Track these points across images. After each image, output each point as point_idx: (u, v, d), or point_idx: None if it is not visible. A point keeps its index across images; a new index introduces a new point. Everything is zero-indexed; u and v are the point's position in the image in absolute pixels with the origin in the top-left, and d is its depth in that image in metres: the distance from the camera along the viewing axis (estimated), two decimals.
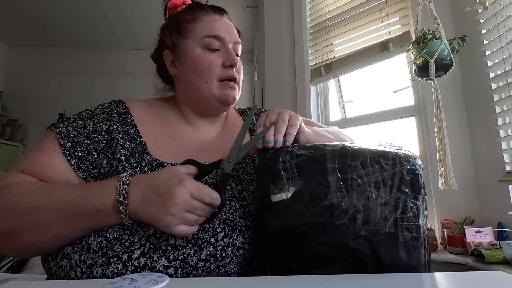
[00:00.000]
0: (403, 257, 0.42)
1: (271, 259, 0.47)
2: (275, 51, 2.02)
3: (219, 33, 0.64)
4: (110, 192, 0.47)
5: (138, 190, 0.46)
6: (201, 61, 0.64)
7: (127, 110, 0.64)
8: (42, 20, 3.16)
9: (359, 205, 0.44)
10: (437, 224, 1.30)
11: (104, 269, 0.45)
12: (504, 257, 1.00)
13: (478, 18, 1.24)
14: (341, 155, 0.47)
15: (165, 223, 0.43)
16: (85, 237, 0.48)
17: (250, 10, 2.81)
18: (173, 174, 0.46)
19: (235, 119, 0.77)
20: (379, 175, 0.45)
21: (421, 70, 1.25)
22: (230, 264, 0.50)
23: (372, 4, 1.63)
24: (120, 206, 0.46)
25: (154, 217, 0.44)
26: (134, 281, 0.34)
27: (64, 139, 0.56)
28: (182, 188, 0.44)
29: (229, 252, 0.50)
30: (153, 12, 2.94)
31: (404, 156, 0.46)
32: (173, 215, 0.43)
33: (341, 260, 0.44)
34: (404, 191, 0.44)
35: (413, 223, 0.43)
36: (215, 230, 0.51)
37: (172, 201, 0.43)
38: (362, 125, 1.73)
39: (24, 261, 1.38)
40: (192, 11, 0.68)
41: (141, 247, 0.47)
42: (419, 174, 0.45)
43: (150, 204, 0.45)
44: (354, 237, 0.43)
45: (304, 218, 0.45)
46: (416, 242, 0.43)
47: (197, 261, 0.48)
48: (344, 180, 0.45)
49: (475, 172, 1.25)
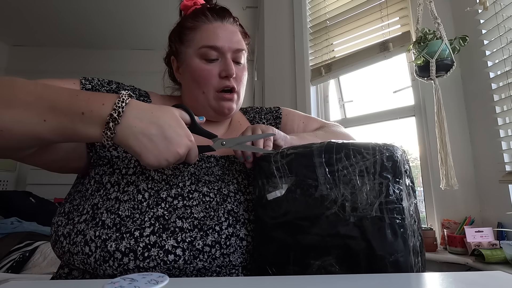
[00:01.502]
0: (390, 238, 0.45)
1: (270, 255, 0.50)
2: (275, 51, 2.02)
3: (216, 43, 0.64)
4: (103, 103, 0.44)
5: (138, 117, 0.44)
6: (198, 72, 0.64)
7: (148, 96, 0.67)
8: (42, 20, 3.16)
9: (346, 193, 0.48)
10: (437, 224, 1.30)
11: (117, 244, 0.46)
12: (504, 257, 1.00)
13: (478, 18, 1.24)
14: (327, 150, 0.51)
15: (157, 164, 0.45)
16: (98, 214, 0.48)
17: (250, 10, 2.81)
18: (179, 123, 0.47)
19: (240, 118, 0.78)
20: (362, 164, 0.49)
21: (421, 70, 1.26)
22: (234, 254, 0.51)
23: (372, 4, 1.63)
24: (112, 122, 0.43)
25: (147, 152, 0.44)
26: (134, 281, 0.34)
27: (86, 80, 0.58)
28: (189, 144, 0.47)
29: (233, 242, 0.51)
30: (155, 12, 2.95)
31: (383, 145, 0.50)
32: (168, 161, 0.45)
33: (334, 248, 0.46)
34: (385, 176, 0.48)
35: (396, 206, 0.46)
36: (219, 219, 0.52)
37: (177, 151, 0.45)
38: (362, 125, 1.73)
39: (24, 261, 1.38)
40: (195, 17, 0.67)
41: (151, 226, 0.48)
42: (398, 160, 0.49)
43: (149, 140, 0.44)
44: (345, 224, 0.46)
45: (298, 212, 0.49)
46: (402, 223, 0.46)
47: (203, 245, 0.49)
48: (331, 172, 0.49)
49: (475, 172, 1.25)
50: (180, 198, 0.53)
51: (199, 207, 0.52)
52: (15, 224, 1.69)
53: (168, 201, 0.52)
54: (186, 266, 0.48)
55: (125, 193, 0.51)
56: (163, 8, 2.90)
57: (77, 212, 0.50)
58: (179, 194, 0.53)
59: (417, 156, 1.46)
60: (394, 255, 0.44)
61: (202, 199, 0.54)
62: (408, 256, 0.45)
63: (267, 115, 0.79)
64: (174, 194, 0.53)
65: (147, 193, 0.52)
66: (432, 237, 1.23)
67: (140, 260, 0.46)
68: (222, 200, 0.55)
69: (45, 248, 1.44)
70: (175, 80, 0.75)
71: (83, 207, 0.50)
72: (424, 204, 1.39)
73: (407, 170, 0.52)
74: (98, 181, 0.53)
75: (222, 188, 0.56)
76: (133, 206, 0.50)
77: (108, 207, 0.49)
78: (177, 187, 0.54)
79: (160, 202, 0.51)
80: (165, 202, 0.51)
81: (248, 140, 0.56)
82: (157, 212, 0.50)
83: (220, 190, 0.56)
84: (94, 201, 0.50)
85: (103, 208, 0.49)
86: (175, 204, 0.52)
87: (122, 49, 3.70)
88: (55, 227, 0.51)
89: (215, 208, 0.53)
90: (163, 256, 0.47)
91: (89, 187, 0.53)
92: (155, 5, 2.88)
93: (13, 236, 1.56)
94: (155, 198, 0.51)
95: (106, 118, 0.43)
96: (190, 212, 0.51)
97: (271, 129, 0.59)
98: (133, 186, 0.52)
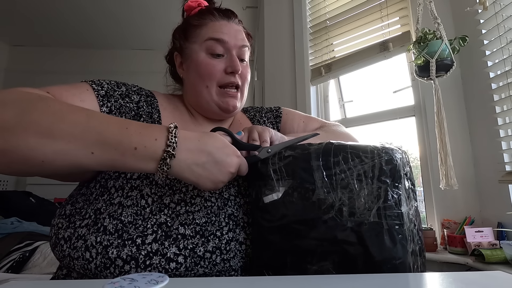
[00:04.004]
0: (388, 243, 0.44)
1: (267, 259, 0.49)
2: (275, 51, 2.02)
3: (222, 36, 0.64)
4: (156, 138, 0.43)
5: (188, 149, 0.45)
6: (203, 65, 0.64)
7: (153, 96, 0.67)
8: (43, 20, 3.16)
9: (344, 198, 0.46)
10: (437, 224, 1.30)
11: (119, 251, 0.45)
12: (504, 257, 1.00)
13: (478, 18, 1.24)
14: (325, 152, 0.49)
15: (214, 187, 0.47)
16: (100, 220, 0.47)
17: (250, 10, 2.81)
18: (224, 144, 0.48)
19: (240, 116, 0.78)
20: (360, 168, 0.47)
21: (421, 70, 1.26)
22: (234, 259, 0.51)
23: (372, 4, 1.63)
24: (169, 158, 0.43)
25: (203, 179, 0.46)
26: (134, 281, 0.34)
27: (98, 86, 0.57)
28: (238, 159, 0.49)
29: (232, 246, 0.51)
30: (156, 12, 2.95)
31: (382, 148, 0.49)
32: (224, 182, 0.47)
33: (331, 253, 0.45)
34: (384, 181, 0.46)
35: (395, 211, 0.45)
36: (220, 224, 0.52)
37: (229, 170, 0.47)
38: (362, 125, 1.73)
39: (24, 261, 1.38)
40: (202, 16, 0.68)
41: (154, 233, 0.48)
42: (397, 164, 0.47)
43: (203, 168, 0.45)
44: (342, 229, 0.45)
45: (295, 216, 0.47)
46: (400, 229, 0.45)
47: (204, 251, 0.49)
48: (329, 176, 0.48)
49: (475, 172, 1.25)
50: (183, 204, 0.52)
51: (201, 213, 0.52)
52: (15, 224, 1.69)
53: (171, 207, 0.51)
54: (187, 273, 0.48)
55: (129, 198, 0.50)
56: (165, 8, 2.90)
57: (79, 215, 0.49)
58: (182, 199, 0.53)
59: (417, 156, 1.46)
60: (392, 262, 0.44)
61: (204, 204, 0.53)
62: (406, 262, 0.44)
63: (268, 114, 0.79)
64: (177, 200, 0.52)
65: (150, 198, 0.51)
66: (432, 237, 1.23)
67: (141, 268, 0.45)
68: (223, 204, 0.54)
69: (45, 248, 1.44)
70: (176, 78, 0.75)
71: (86, 211, 0.49)
72: (424, 204, 1.39)
73: (408, 172, 0.50)
74: (103, 185, 0.52)
75: (223, 192, 0.56)
76: (136, 212, 0.49)
77: (111, 213, 0.48)
78: (180, 192, 0.53)
79: (163, 208, 0.51)
80: (168, 208, 0.51)
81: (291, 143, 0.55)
82: (160, 218, 0.49)
83: (221, 194, 0.56)
84: (97, 206, 0.49)
85: (105, 213, 0.48)
86: (178, 210, 0.51)
87: (124, 49, 3.70)
88: (55, 229, 0.50)
89: (216, 213, 0.53)
90: (165, 264, 0.46)
91: (94, 191, 0.52)
92: (156, 5, 2.88)
93: (13, 236, 1.56)
94: (158, 204, 0.51)
95: (162, 154, 0.43)
96: (192, 218, 0.51)
97: (268, 130, 0.59)
98: (137, 190, 0.51)
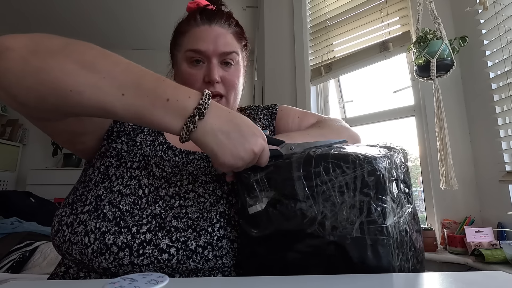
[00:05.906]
0: (372, 260, 0.42)
1: (253, 270, 0.49)
2: (275, 51, 2.02)
3: (198, 47, 0.64)
4: (189, 96, 0.43)
5: (217, 115, 0.44)
6: (184, 75, 0.65)
7: None
8: (43, 20, 3.16)
9: (326, 211, 0.44)
10: (437, 224, 1.30)
11: (115, 238, 0.46)
12: (504, 257, 1.00)
13: (478, 18, 1.24)
14: (305, 162, 0.47)
15: (233, 162, 0.44)
16: (100, 206, 0.49)
17: (250, 10, 2.81)
18: (254, 124, 0.47)
19: None
20: (342, 179, 0.44)
21: (422, 70, 1.26)
22: (227, 257, 0.51)
23: (372, 4, 1.63)
24: (197, 116, 0.42)
25: (224, 149, 0.43)
26: (134, 281, 0.34)
27: None
28: (263, 144, 0.46)
29: (224, 244, 0.51)
30: (156, 12, 2.95)
31: (363, 158, 0.45)
32: (244, 160, 0.44)
33: (315, 266, 0.44)
34: (367, 193, 0.43)
35: (378, 226, 0.42)
36: (212, 220, 0.52)
37: (253, 148, 0.44)
38: (362, 125, 1.73)
39: (24, 261, 1.38)
40: (187, 22, 0.68)
41: (148, 223, 0.49)
42: (381, 174, 0.44)
43: (227, 137, 0.43)
44: (325, 242, 0.43)
45: (278, 227, 0.46)
46: (384, 244, 0.42)
47: (196, 246, 0.49)
48: (310, 188, 0.45)
49: (475, 172, 1.26)
50: (177, 197, 0.53)
51: (194, 208, 0.53)
52: (15, 224, 1.69)
53: (165, 199, 0.52)
54: (179, 265, 0.48)
55: (128, 187, 0.52)
56: (165, 8, 2.90)
57: (81, 202, 0.51)
58: (176, 193, 0.53)
59: (417, 156, 1.46)
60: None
61: (197, 200, 0.54)
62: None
63: (264, 111, 0.79)
64: (172, 193, 0.53)
65: (147, 188, 0.52)
66: (432, 237, 1.23)
67: (134, 256, 0.46)
68: (215, 201, 0.55)
69: (45, 248, 1.44)
70: None
71: (86, 197, 0.51)
72: (424, 204, 1.39)
73: (402, 174, 0.49)
74: (103, 172, 0.54)
75: (216, 189, 0.56)
76: (133, 201, 0.50)
77: (111, 200, 0.50)
78: (175, 186, 0.54)
79: (158, 200, 0.52)
80: (162, 200, 0.52)
81: (317, 144, 0.54)
82: (154, 210, 0.50)
83: (214, 191, 0.56)
84: (98, 192, 0.51)
85: (105, 200, 0.50)
86: (172, 204, 0.52)
87: (123, 49, 3.69)
88: (59, 218, 0.51)
89: (209, 209, 0.53)
90: (157, 254, 0.47)
91: (93, 178, 0.54)
92: (156, 5, 2.88)
93: (13, 236, 1.56)
94: (154, 195, 0.52)
95: (192, 111, 0.42)
96: (185, 212, 0.52)
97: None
98: (136, 180, 0.53)
